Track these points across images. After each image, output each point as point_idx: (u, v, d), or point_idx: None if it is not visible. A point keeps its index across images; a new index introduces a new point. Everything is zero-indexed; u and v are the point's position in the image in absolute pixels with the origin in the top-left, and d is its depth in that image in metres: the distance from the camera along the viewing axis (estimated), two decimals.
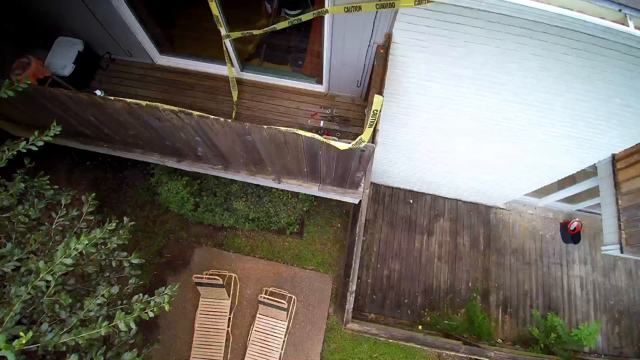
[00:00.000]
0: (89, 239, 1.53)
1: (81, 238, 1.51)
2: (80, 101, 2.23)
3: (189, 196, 3.78)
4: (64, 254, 1.46)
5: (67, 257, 1.46)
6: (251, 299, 4.47)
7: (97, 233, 1.70)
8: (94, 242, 1.68)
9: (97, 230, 1.73)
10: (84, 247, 1.51)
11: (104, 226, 1.81)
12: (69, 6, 2.87)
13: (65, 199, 2.05)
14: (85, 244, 1.50)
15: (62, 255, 1.46)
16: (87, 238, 1.51)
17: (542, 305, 4.67)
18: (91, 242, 1.61)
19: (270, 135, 2.06)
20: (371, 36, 2.40)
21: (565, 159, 3.39)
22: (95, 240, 1.68)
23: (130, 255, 2.12)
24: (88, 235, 1.59)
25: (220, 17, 2.58)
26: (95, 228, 2.01)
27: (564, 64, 2.25)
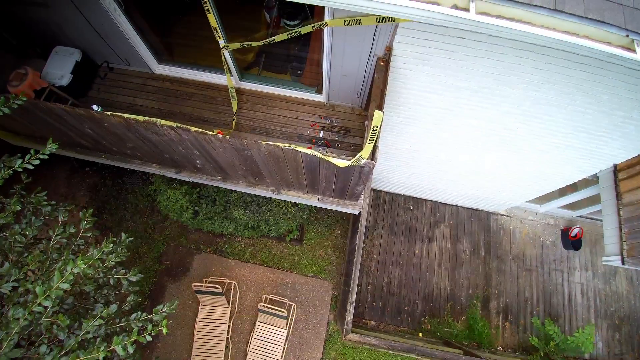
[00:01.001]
0: (86, 262, 1.52)
1: (78, 262, 1.49)
2: (77, 116, 2.21)
3: (188, 204, 3.76)
4: (60, 279, 1.45)
5: (64, 282, 1.44)
6: (251, 305, 4.46)
7: (94, 254, 1.68)
8: (91, 263, 1.66)
9: (95, 251, 1.71)
10: (80, 270, 1.50)
11: (101, 247, 1.79)
12: (66, 16, 2.84)
13: (63, 215, 2.04)
14: (82, 267, 1.49)
15: (58, 280, 1.44)
16: (83, 262, 1.49)
17: (542, 312, 4.66)
18: (88, 263, 1.59)
19: (269, 151, 2.04)
20: (371, 49, 2.38)
21: (567, 168, 3.36)
22: (92, 261, 1.66)
23: (129, 272, 2.10)
24: (85, 258, 1.57)
25: (219, 29, 2.55)
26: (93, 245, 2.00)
27: (567, 78, 2.22)
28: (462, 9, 1.12)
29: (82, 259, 1.57)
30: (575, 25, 1.11)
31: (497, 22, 1.11)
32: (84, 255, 1.80)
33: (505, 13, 1.12)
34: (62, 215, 2.02)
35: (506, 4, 1.10)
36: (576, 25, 1.11)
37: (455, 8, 1.12)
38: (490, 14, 1.11)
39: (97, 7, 2.62)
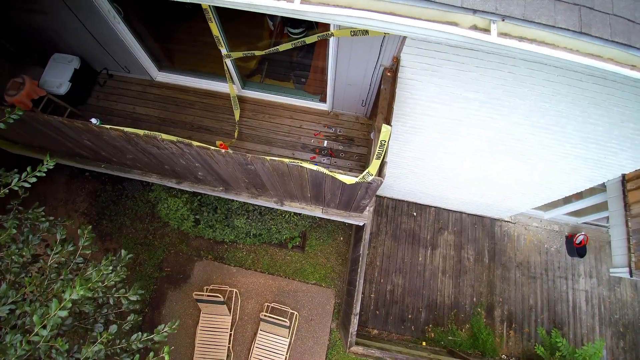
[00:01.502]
0: (84, 287, 1.46)
1: (76, 287, 1.44)
2: (76, 128, 2.15)
3: (189, 213, 3.71)
4: (58, 306, 1.39)
5: (62, 310, 1.39)
6: (252, 313, 4.42)
7: (93, 276, 1.63)
8: (90, 287, 1.60)
9: (93, 272, 1.65)
10: (79, 296, 1.44)
11: (100, 269, 1.74)
12: (64, 23, 2.77)
13: (61, 233, 1.97)
14: (80, 293, 1.43)
15: (56, 307, 1.38)
16: (82, 288, 1.43)
17: (547, 319, 4.61)
18: (87, 288, 1.54)
19: (273, 166, 1.98)
20: (378, 59, 2.31)
21: (574, 177, 3.31)
22: (91, 285, 1.61)
23: (129, 290, 2.04)
24: (83, 283, 1.51)
25: (221, 37, 2.49)
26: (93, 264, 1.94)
27: (579, 90, 2.16)
28: (482, 30, 1.06)
29: (80, 284, 1.51)
30: (600, 48, 1.05)
31: (519, 45, 1.05)
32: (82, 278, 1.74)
33: (527, 35, 1.06)
34: (60, 233, 1.96)
35: (529, 26, 1.04)
36: (601, 48, 1.05)
37: (474, 29, 1.06)
38: (511, 35, 1.05)
39: (95, 15, 2.56)
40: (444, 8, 1.03)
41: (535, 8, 1.02)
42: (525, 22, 1.03)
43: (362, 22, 1.09)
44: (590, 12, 1.03)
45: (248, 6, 1.17)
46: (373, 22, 1.07)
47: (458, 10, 1.03)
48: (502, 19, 1.03)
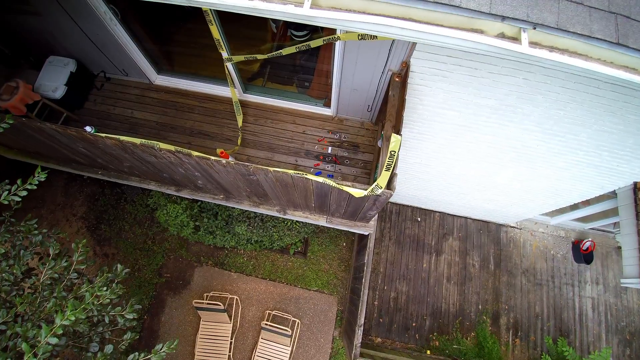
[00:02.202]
0: (77, 312, 1.37)
1: (67, 313, 1.34)
2: (69, 136, 2.05)
3: (189, 220, 3.61)
4: (49, 332, 1.30)
5: (52, 337, 1.29)
6: (253, 321, 4.33)
7: (86, 297, 1.53)
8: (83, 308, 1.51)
9: (86, 295, 1.56)
10: (71, 322, 1.35)
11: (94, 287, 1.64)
12: (59, 25, 2.68)
13: (54, 248, 1.88)
14: (72, 319, 1.34)
15: (47, 333, 1.29)
16: (73, 313, 1.34)
17: (553, 327, 4.53)
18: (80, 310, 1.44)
19: (276, 177, 1.89)
20: (386, 63, 2.22)
21: (584, 184, 3.22)
22: (84, 305, 1.51)
23: (126, 306, 1.95)
24: (76, 305, 1.42)
25: (222, 40, 2.39)
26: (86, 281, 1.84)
27: (596, 98, 2.07)
28: (510, 38, 0.96)
29: (71, 309, 1.41)
30: (636, 60, 0.96)
31: (549, 56, 0.95)
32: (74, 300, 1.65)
33: (558, 44, 0.97)
34: (54, 248, 1.87)
35: (562, 35, 0.95)
36: (636, 60, 0.96)
37: (501, 38, 0.97)
38: (541, 44, 0.96)
39: (91, 17, 2.46)
40: (469, 14, 0.94)
41: (569, 16, 0.93)
42: (559, 31, 0.93)
43: (378, 28, 0.99)
44: (628, 22, 0.94)
45: (252, 10, 1.08)
46: (390, 29, 0.98)
47: (485, 16, 0.93)
48: (534, 27, 0.94)
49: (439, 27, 0.96)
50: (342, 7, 0.96)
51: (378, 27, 0.98)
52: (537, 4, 0.94)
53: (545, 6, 0.94)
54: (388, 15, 0.97)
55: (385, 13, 0.97)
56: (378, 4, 0.95)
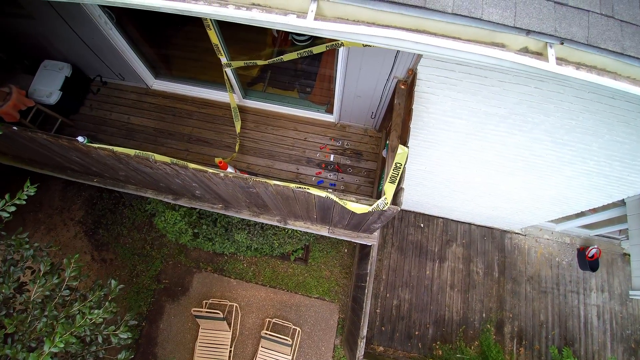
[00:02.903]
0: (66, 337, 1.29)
1: (56, 339, 1.26)
2: (62, 146, 1.97)
3: (187, 227, 3.53)
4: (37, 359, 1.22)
5: None
6: (253, 329, 4.25)
7: (77, 320, 1.46)
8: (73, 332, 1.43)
9: (77, 317, 1.48)
10: (60, 349, 1.27)
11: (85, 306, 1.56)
12: (53, 29, 2.59)
13: (45, 264, 1.80)
14: (61, 346, 1.26)
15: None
16: (62, 340, 1.26)
17: (558, 336, 4.45)
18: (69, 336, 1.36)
19: (277, 191, 1.81)
20: (391, 71, 2.13)
21: (593, 193, 3.14)
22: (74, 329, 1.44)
23: (120, 323, 1.87)
24: (66, 328, 1.34)
25: (221, 46, 2.30)
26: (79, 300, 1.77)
27: (610, 108, 1.99)
28: (534, 54, 0.87)
29: (60, 334, 1.33)
30: None
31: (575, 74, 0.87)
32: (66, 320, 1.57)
33: (586, 61, 0.88)
34: (45, 264, 1.79)
35: (591, 51, 0.86)
36: None
37: (524, 53, 0.88)
38: (568, 60, 0.88)
39: (85, 20, 2.37)
40: (490, 27, 0.85)
41: (600, 31, 0.84)
42: (588, 47, 0.85)
43: (389, 42, 0.90)
44: None
45: (250, 21, 0.99)
46: (402, 42, 0.89)
47: (508, 30, 0.85)
48: (561, 42, 0.86)
49: (455, 41, 0.87)
50: (350, 18, 0.87)
51: (389, 40, 0.89)
52: (565, 17, 0.85)
53: (574, 20, 0.85)
54: (400, 27, 0.88)
55: (397, 24, 0.88)
56: (389, 15, 0.87)
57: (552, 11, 0.85)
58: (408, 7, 0.84)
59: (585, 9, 0.85)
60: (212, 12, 0.95)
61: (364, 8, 0.87)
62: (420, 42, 0.87)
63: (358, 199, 1.69)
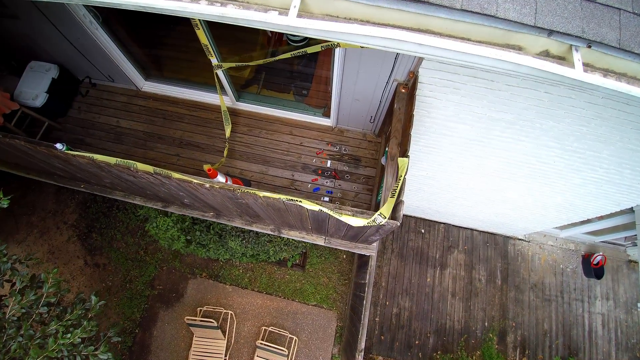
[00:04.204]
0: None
1: None
2: (41, 153, 1.85)
3: (180, 233, 3.42)
4: None
5: None
6: (249, 337, 4.14)
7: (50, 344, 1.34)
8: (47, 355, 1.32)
9: (51, 340, 1.37)
10: None
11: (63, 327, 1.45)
12: (39, 29, 2.48)
13: (21, 281, 1.68)
14: None
15: None
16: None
17: (562, 345, 4.32)
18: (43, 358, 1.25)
19: (267, 203, 1.69)
20: (391, 73, 2.01)
21: (601, 201, 3.01)
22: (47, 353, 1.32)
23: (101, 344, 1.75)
24: (37, 357, 1.22)
25: (211, 46, 2.18)
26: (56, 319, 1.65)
27: (624, 114, 1.86)
28: (556, 58, 0.74)
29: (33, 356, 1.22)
30: None
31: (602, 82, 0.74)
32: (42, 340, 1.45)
33: (615, 67, 0.76)
34: (20, 280, 1.67)
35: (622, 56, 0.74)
36: None
37: (545, 57, 0.75)
38: (595, 66, 0.76)
39: (70, 20, 2.26)
40: (506, 26, 0.72)
41: (633, 33, 0.72)
42: (620, 52, 0.73)
43: (386, 43, 0.78)
44: None
45: (222, 18, 0.87)
46: (402, 44, 0.76)
47: (527, 29, 0.72)
48: (588, 44, 0.73)
49: (464, 43, 0.75)
50: (341, 15, 0.74)
51: (386, 42, 0.76)
52: (593, 16, 0.72)
53: (604, 19, 0.72)
54: (400, 26, 0.75)
55: (396, 23, 0.75)
56: (387, 11, 0.73)
57: (578, 8, 0.72)
58: (409, 2, 0.72)
59: (616, 6, 0.73)
60: (179, 9, 0.83)
61: (357, 3, 0.74)
62: (423, 43, 0.74)
63: (354, 213, 1.57)
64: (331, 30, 0.74)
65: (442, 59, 0.80)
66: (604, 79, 0.76)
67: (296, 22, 0.74)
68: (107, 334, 1.90)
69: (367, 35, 0.74)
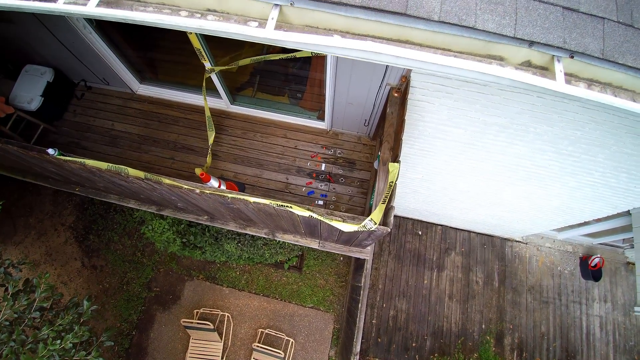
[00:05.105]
0: None
1: None
2: (34, 157, 1.86)
3: (175, 236, 3.42)
4: None
5: None
6: (245, 339, 4.14)
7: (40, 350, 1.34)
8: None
9: (40, 345, 1.37)
10: None
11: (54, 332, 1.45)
12: (34, 33, 2.48)
13: (13, 285, 1.69)
14: None
15: None
16: None
17: (559, 347, 4.30)
18: None
19: (258, 208, 1.68)
20: (384, 77, 2.01)
21: (598, 204, 3.00)
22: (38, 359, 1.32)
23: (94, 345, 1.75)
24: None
25: (203, 50, 2.18)
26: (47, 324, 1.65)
27: (618, 118, 1.85)
28: (538, 68, 0.73)
29: None
30: None
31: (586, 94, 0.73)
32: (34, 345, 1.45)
33: (600, 77, 0.75)
34: (12, 287, 1.67)
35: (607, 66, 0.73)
36: None
37: (526, 68, 0.74)
38: (579, 77, 0.75)
39: (64, 24, 2.26)
40: (486, 37, 0.71)
41: (617, 43, 0.71)
42: (604, 62, 0.71)
43: (366, 55, 0.77)
44: None
45: (200, 30, 0.87)
46: (381, 57, 0.76)
47: (507, 40, 0.71)
48: (571, 55, 0.72)
49: (444, 55, 0.74)
50: (320, 26, 0.74)
51: (365, 54, 0.75)
52: (576, 26, 0.71)
53: (587, 29, 0.71)
54: (380, 38, 0.75)
55: (376, 34, 0.74)
56: (365, 23, 0.73)
57: (560, 18, 0.71)
58: (387, 13, 0.71)
59: (600, 15, 0.72)
60: (157, 21, 0.82)
61: (336, 15, 0.74)
62: (400, 56, 0.73)
63: (344, 218, 1.57)
64: (308, 42, 0.74)
65: (422, 70, 0.80)
66: (587, 91, 0.75)
67: (273, 35, 0.74)
68: (100, 339, 1.90)
69: (343, 47, 0.73)
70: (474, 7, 0.70)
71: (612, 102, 0.75)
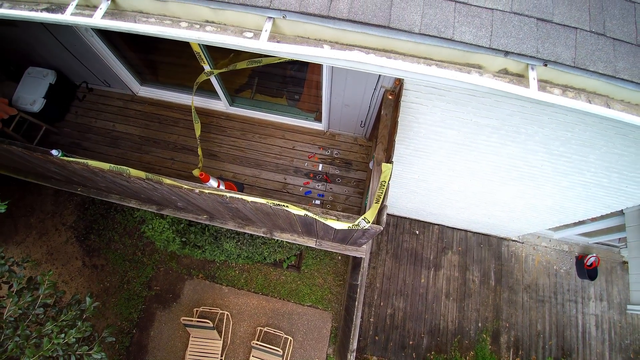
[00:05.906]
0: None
1: None
2: (37, 158, 1.91)
3: (175, 235, 3.47)
4: None
5: None
6: (244, 337, 4.19)
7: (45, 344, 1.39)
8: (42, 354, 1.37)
9: (45, 340, 1.42)
10: None
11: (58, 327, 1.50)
12: (36, 36, 2.54)
13: (18, 283, 1.74)
14: None
15: None
16: None
17: (555, 346, 4.35)
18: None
19: (255, 207, 1.74)
20: (378, 80, 2.06)
21: (591, 204, 3.05)
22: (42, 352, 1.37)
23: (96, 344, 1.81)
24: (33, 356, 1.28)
25: (203, 53, 2.23)
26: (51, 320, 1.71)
27: (606, 120, 1.88)
28: (515, 76, 0.79)
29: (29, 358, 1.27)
30: None
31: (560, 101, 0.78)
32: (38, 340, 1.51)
33: (574, 83, 0.80)
34: (17, 283, 1.73)
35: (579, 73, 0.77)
36: None
37: (503, 76, 0.79)
38: (553, 83, 0.80)
39: (66, 28, 2.31)
40: (464, 47, 0.77)
41: (589, 51, 0.75)
42: (575, 70, 0.77)
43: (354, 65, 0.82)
44: None
45: (198, 40, 0.92)
46: (366, 66, 0.81)
47: (484, 50, 0.77)
48: (544, 63, 0.77)
49: (425, 65, 0.79)
50: (311, 37, 0.79)
51: (351, 63, 0.81)
52: (549, 36, 0.77)
53: (560, 39, 0.76)
54: (367, 47, 0.80)
55: (362, 44, 0.80)
56: (353, 34, 0.78)
57: (533, 29, 0.76)
58: (371, 26, 0.76)
59: (573, 26, 0.77)
60: (159, 33, 0.88)
61: (325, 27, 0.79)
62: (385, 66, 0.79)
63: (339, 217, 1.62)
64: (299, 53, 0.79)
65: (410, 78, 0.85)
66: (561, 98, 0.80)
67: (267, 46, 0.79)
68: (102, 335, 1.95)
69: (332, 57, 0.79)
70: (452, 20, 0.75)
71: (584, 108, 0.80)
